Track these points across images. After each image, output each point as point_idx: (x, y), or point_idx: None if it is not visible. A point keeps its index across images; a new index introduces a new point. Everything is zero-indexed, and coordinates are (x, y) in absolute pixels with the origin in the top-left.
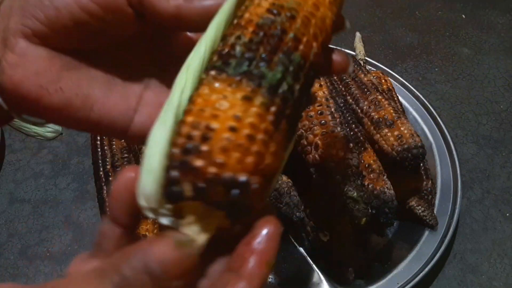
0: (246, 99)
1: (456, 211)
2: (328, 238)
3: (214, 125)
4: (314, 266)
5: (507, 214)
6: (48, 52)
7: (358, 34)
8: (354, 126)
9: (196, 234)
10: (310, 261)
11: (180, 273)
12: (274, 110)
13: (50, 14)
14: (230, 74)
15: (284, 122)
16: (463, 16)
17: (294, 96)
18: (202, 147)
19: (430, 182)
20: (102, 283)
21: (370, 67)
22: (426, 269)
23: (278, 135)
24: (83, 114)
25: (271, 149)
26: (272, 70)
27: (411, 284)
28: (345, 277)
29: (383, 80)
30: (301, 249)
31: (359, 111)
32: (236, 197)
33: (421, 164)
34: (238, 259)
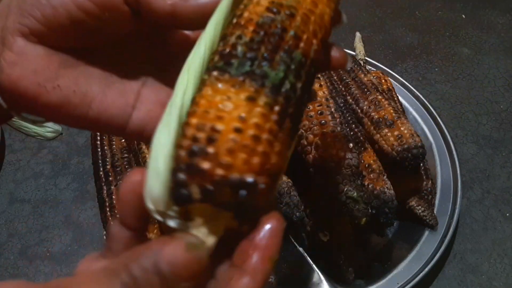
0: (250, 100)
1: (456, 211)
2: (328, 238)
3: (219, 126)
4: (314, 266)
5: (507, 214)
6: (46, 50)
7: (358, 34)
8: (354, 126)
9: (205, 236)
10: (310, 261)
11: (189, 275)
12: (278, 110)
13: (47, 12)
14: (233, 74)
15: (287, 121)
16: (463, 16)
17: (297, 95)
18: (209, 149)
19: (430, 182)
20: (111, 282)
21: (370, 67)
22: (426, 269)
23: (282, 134)
24: (82, 111)
25: (276, 148)
26: (274, 70)
27: (411, 284)
28: (345, 277)
29: (383, 80)
30: (301, 249)
31: (359, 111)
32: (243, 198)
33: (421, 164)
34: (241, 255)
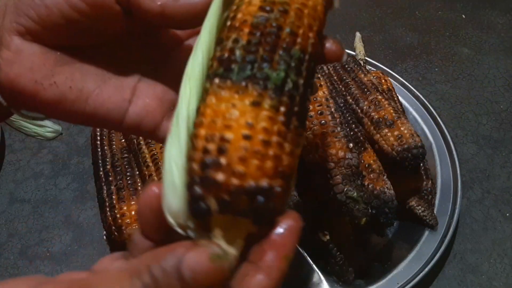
0: (255, 105)
1: (456, 211)
2: (328, 238)
3: (228, 135)
4: (314, 266)
5: (507, 214)
6: (42, 49)
7: (358, 34)
8: (354, 126)
9: (227, 246)
10: (310, 261)
11: (210, 283)
12: (284, 110)
13: (42, 12)
14: (235, 80)
15: (294, 119)
16: (463, 16)
17: (300, 92)
18: (221, 160)
19: (430, 182)
20: (133, 281)
21: (370, 67)
22: (426, 269)
23: (290, 134)
24: (78, 107)
25: (286, 149)
26: (275, 70)
27: (411, 284)
28: (345, 277)
29: (383, 80)
30: (301, 249)
31: (359, 111)
32: (261, 203)
33: (421, 164)
34: (257, 252)
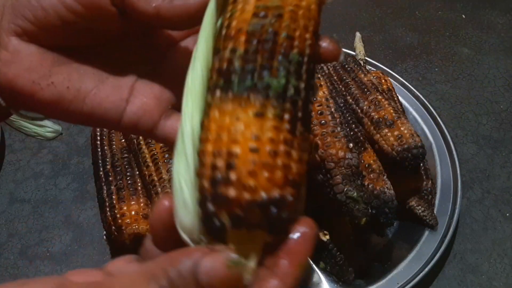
0: (258, 115)
1: (456, 211)
2: (328, 238)
3: (235, 150)
4: (314, 266)
5: (507, 214)
6: (39, 49)
7: (358, 34)
8: (354, 126)
9: (245, 260)
10: (310, 261)
11: None
12: (288, 118)
13: (38, 14)
14: (236, 92)
15: (299, 125)
16: (463, 16)
17: (302, 96)
18: (231, 176)
19: (430, 182)
20: (150, 285)
21: (370, 67)
22: (426, 269)
23: (297, 140)
24: (76, 107)
25: (294, 157)
26: (276, 77)
27: (411, 284)
28: (345, 277)
29: (383, 80)
30: None
31: (359, 111)
32: (275, 214)
33: (421, 164)
34: (273, 257)
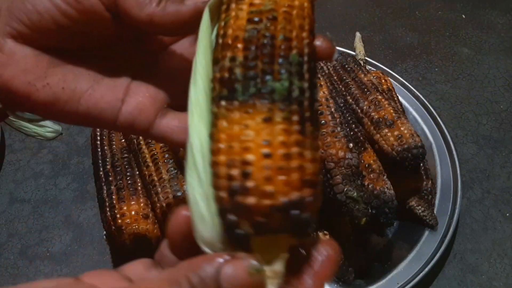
0: (267, 121)
1: (456, 211)
2: (328, 238)
3: (249, 158)
4: None
5: (507, 214)
6: (34, 51)
7: (358, 34)
8: (354, 126)
9: (271, 265)
10: None
11: None
12: (297, 119)
13: (33, 17)
14: (241, 100)
15: (308, 124)
16: (463, 16)
17: (307, 96)
18: (248, 184)
19: (430, 182)
20: None
21: (370, 67)
22: (426, 269)
23: (308, 140)
24: (71, 107)
25: (307, 157)
26: (279, 80)
27: (411, 284)
28: (345, 277)
29: (383, 80)
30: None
31: (359, 111)
32: (296, 216)
33: (421, 164)
34: (298, 276)
